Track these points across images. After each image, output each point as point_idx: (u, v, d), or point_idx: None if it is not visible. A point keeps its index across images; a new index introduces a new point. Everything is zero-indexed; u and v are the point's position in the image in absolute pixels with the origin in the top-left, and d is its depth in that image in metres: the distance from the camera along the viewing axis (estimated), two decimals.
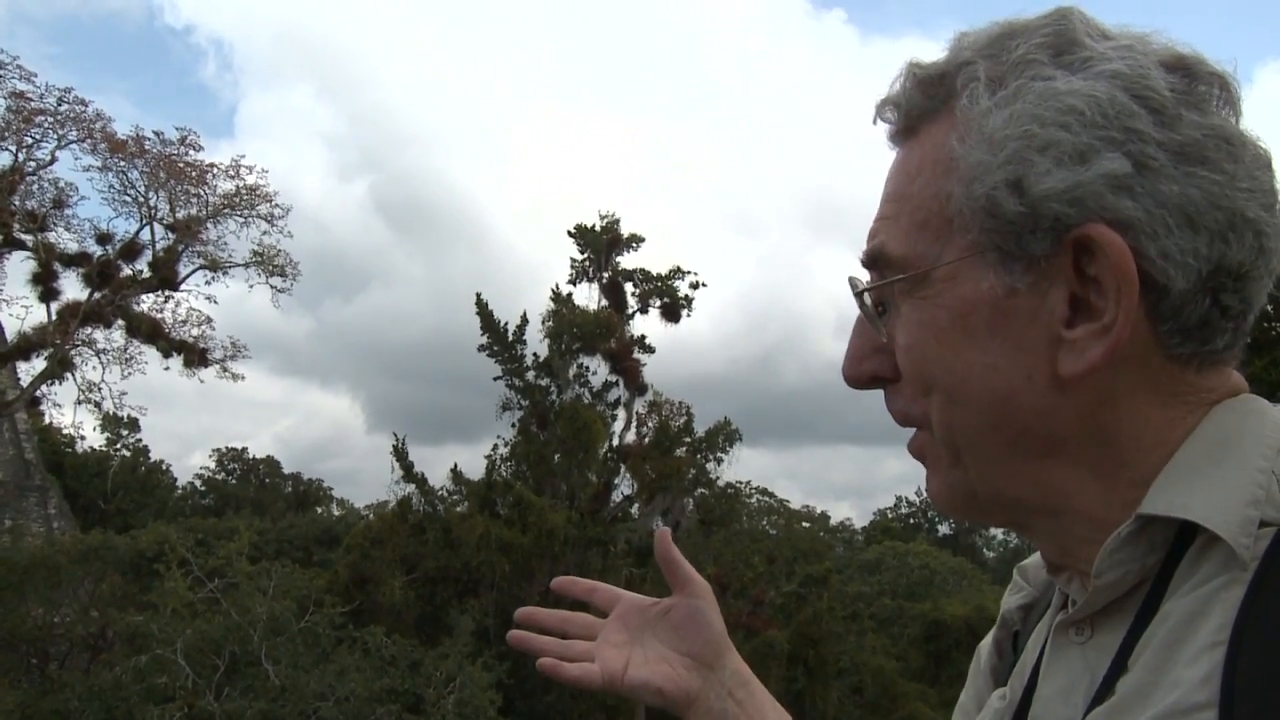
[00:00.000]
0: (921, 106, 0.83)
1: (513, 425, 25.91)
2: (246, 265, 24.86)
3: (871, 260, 0.84)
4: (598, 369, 26.47)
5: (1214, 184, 0.73)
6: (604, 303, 27.32)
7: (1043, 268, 0.74)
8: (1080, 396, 0.75)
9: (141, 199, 23.99)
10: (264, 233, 24.72)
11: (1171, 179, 0.72)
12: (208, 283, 24.85)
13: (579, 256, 27.70)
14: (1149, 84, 0.74)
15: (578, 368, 26.29)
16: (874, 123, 0.88)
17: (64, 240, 24.23)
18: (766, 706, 1.12)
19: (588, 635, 1.18)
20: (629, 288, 27.65)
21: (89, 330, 23.69)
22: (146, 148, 23.29)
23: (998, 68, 0.78)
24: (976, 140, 0.76)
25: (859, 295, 0.85)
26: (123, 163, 23.29)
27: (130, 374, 24.44)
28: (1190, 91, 0.75)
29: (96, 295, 23.51)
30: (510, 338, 25.63)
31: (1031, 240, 0.74)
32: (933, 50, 0.85)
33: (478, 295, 25.52)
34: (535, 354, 25.94)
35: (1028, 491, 0.79)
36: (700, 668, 1.12)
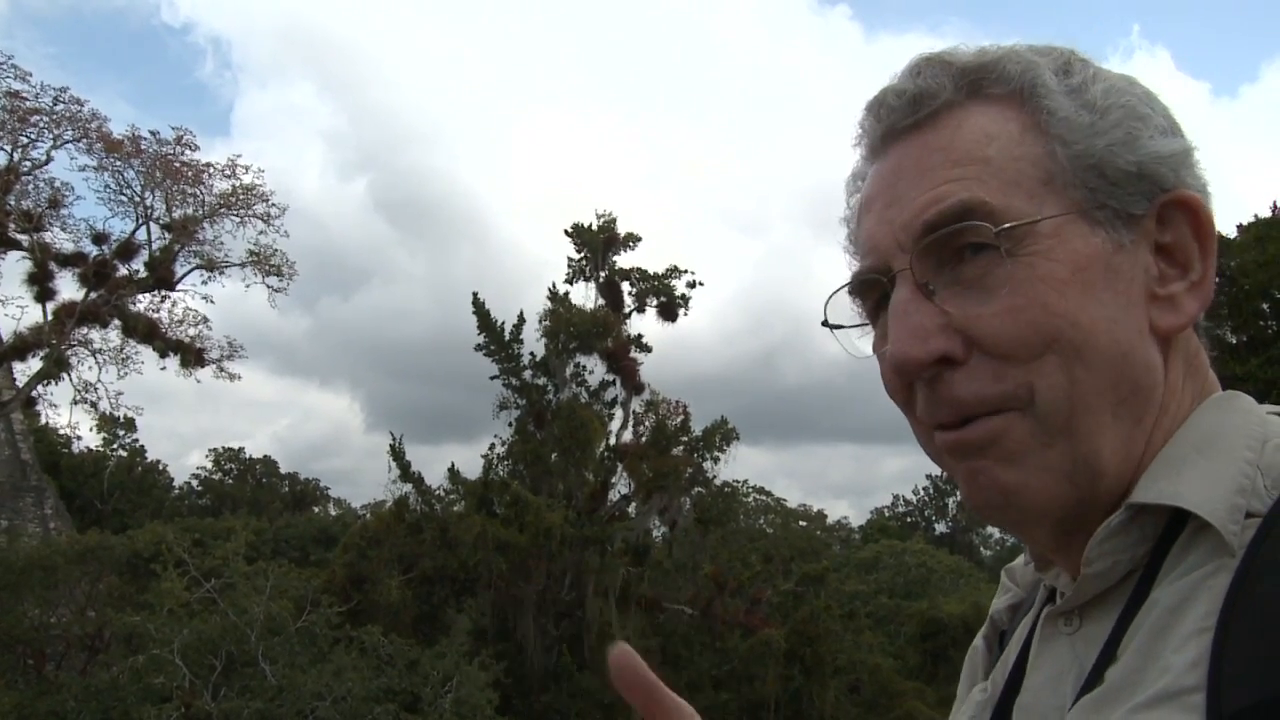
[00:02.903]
0: (951, 94, 0.83)
1: (510, 424, 25.91)
2: (243, 265, 24.82)
3: (956, 217, 0.78)
4: (595, 368, 26.50)
5: (1202, 185, 0.83)
6: (601, 302, 27.32)
7: (1138, 228, 0.79)
8: (1166, 354, 0.80)
9: (137, 199, 23.96)
10: (260, 232, 24.70)
11: (1194, 173, 0.82)
12: (204, 282, 24.84)
13: (576, 256, 27.71)
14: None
15: (575, 367, 26.28)
16: (873, 114, 0.87)
17: (60, 240, 24.20)
18: None
19: None
20: (626, 287, 27.66)
21: (85, 330, 23.63)
22: (143, 147, 23.26)
23: (1056, 60, 0.83)
24: (1075, 106, 0.80)
25: (943, 248, 0.79)
26: (118, 162, 23.25)
27: (126, 374, 24.39)
28: None
29: (93, 295, 23.46)
30: (507, 337, 25.60)
31: (1131, 200, 0.79)
32: (937, 45, 0.88)
33: (474, 294, 25.50)
34: (532, 353, 25.96)
35: (1116, 467, 0.77)
36: None
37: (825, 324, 0.90)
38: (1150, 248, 0.80)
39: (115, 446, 45.66)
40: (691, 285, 27.65)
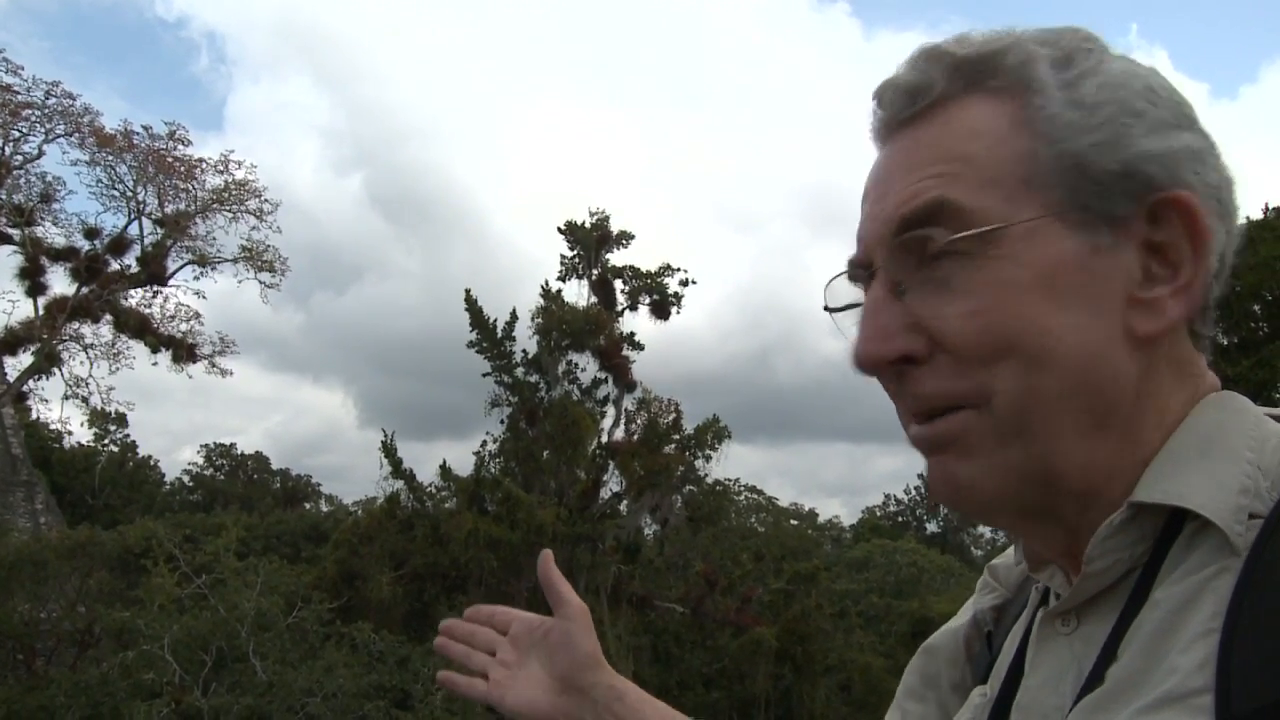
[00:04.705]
0: (947, 86, 0.82)
1: (502, 422, 25.89)
2: (235, 260, 24.82)
3: (928, 215, 0.78)
4: (587, 366, 26.49)
5: (1227, 179, 0.81)
6: (593, 300, 27.31)
7: (1122, 229, 0.77)
8: (1143, 361, 0.78)
9: (130, 193, 23.94)
10: (253, 228, 24.70)
11: (1214, 167, 0.80)
12: (196, 278, 24.89)
13: (569, 253, 27.71)
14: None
15: (567, 364, 26.26)
16: (876, 104, 0.86)
17: (51, 234, 24.20)
18: (645, 710, 1.15)
19: (492, 649, 1.25)
20: (618, 285, 27.65)
21: (76, 325, 23.60)
22: (135, 142, 23.23)
23: (1058, 51, 0.81)
24: (1064, 103, 0.78)
25: (914, 246, 0.79)
26: (111, 157, 23.21)
27: (118, 369, 24.40)
28: None
29: (84, 290, 23.43)
30: (499, 334, 25.60)
31: (1116, 201, 0.77)
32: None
33: (467, 291, 25.50)
34: (524, 350, 25.96)
35: (1078, 470, 0.77)
36: (571, 690, 1.16)
37: (826, 309, 0.89)
38: (1139, 247, 0.78)
39: (106, 442, 45.51)
40: (684, 283, 27.65)
